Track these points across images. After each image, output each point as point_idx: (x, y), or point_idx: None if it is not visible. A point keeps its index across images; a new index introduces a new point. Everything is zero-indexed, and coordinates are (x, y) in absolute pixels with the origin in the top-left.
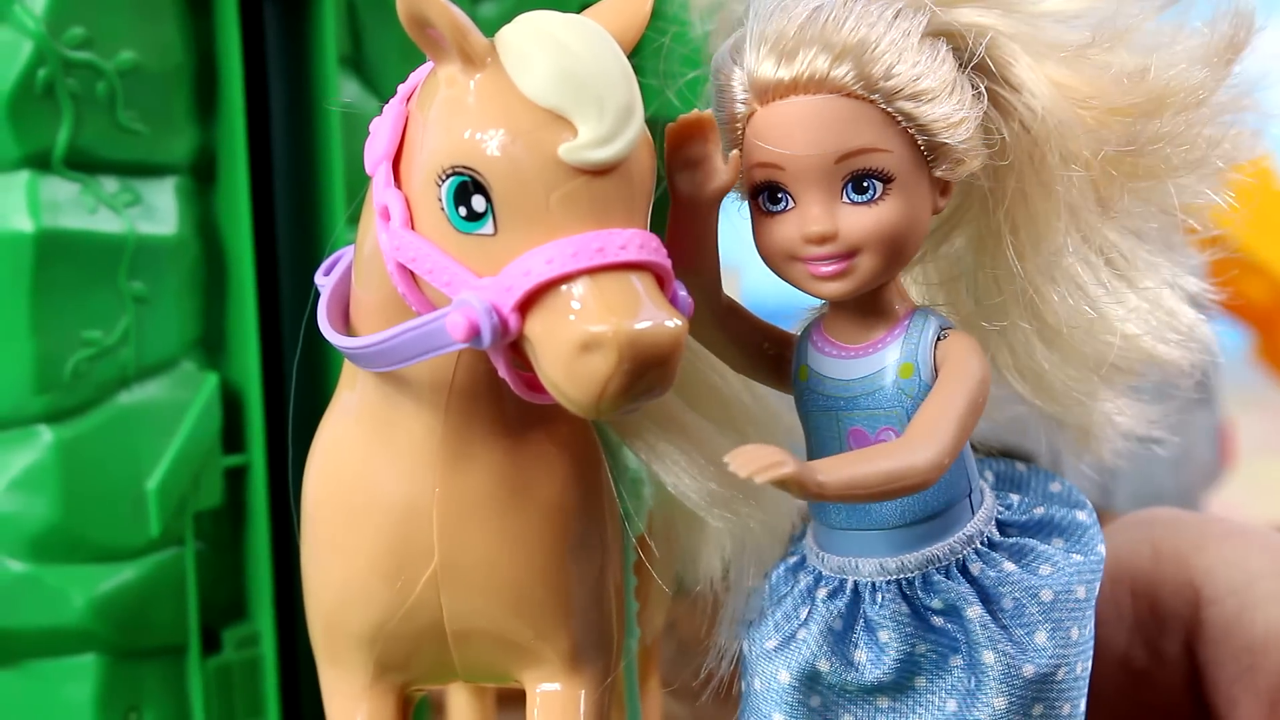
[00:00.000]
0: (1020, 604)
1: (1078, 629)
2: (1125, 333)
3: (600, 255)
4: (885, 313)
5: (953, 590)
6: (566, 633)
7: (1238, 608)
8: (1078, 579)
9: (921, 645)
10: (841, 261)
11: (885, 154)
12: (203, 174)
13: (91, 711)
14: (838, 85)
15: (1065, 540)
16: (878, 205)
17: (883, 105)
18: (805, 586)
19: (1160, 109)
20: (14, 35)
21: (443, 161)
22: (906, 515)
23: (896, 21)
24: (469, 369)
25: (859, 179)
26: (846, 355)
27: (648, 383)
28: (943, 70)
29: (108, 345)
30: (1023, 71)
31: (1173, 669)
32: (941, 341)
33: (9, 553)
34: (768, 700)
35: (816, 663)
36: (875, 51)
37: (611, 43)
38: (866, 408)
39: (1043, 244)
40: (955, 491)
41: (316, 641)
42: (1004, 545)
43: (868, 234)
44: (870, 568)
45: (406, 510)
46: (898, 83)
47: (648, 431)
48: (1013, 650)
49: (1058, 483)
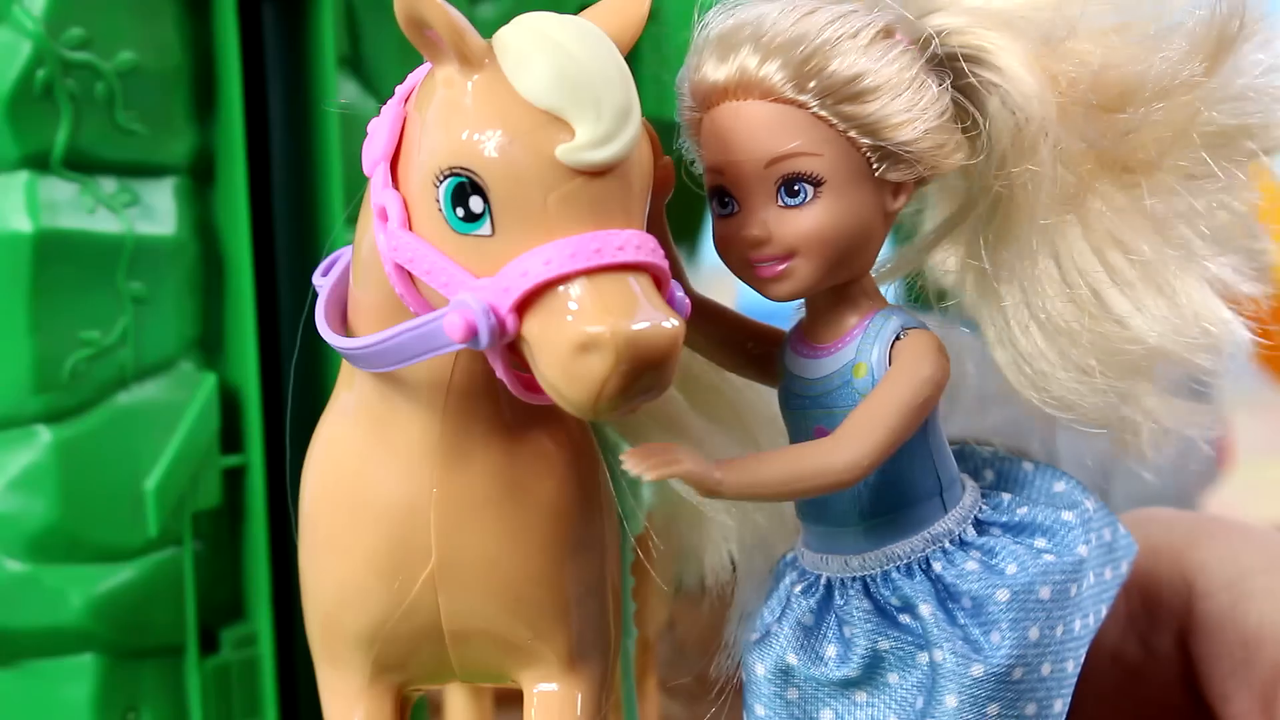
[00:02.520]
0: (978, 602)
1: (1039, 629)
2: (1135, 329)
3: (598, 256)
4: (848, 313)
5: (909, 588)
6: (564, 633)
7: (1231, 602)
8: (1043, 579)
9: (884, 642)
10: (779, 263)
11: (814, 157)
12: (201, 174)
13: (90, 711)
14: (766, 88)
15: (1047, 540)
16: (809, 208)
17: (814, 108)
18: (788, 582)
19: (1150, 98)
20: (13, 36)
21: (440, 162)
22: (865, 513)
23: (840, 22)
24: (467, 369)
25: (789, 183)
26: (813, 355)
27: (645, 383)
28: (890, 70)
29: (106, 345)
30: (1005, 60)
31: (1165, 663)
32: (898, 341)
33: (8, 552)
34: (750, 692)
35: (786, 656)
36: (805, 50)
37: (609, 44)
38: (826, 406)
39: (1037, 239)
40: (918, 490)
41: (314, 641)
42: (975, 544)
43: (800, 237)
44: (837, 564)
45: (404, 510)
46: (830, 83)
47: (648, 430)
48: (963, 649)
49: (1063, 482)
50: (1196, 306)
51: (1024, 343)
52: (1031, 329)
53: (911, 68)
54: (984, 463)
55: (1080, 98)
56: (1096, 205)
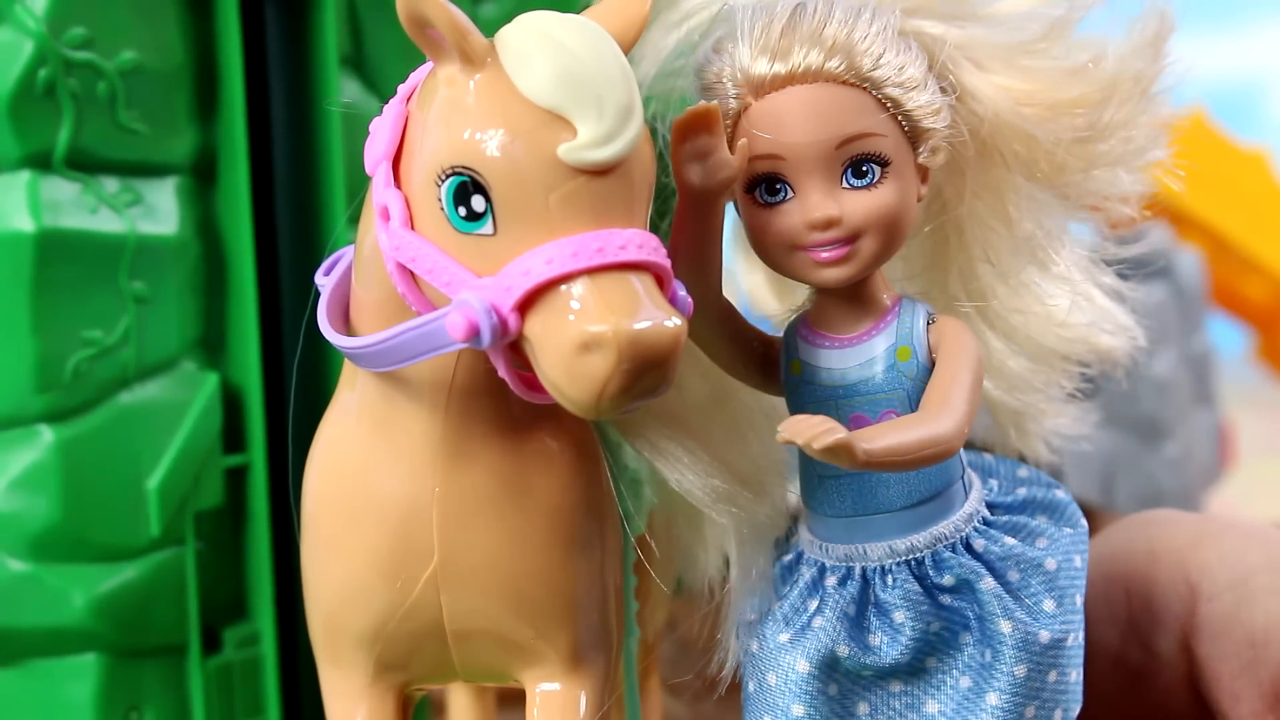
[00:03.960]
0: (1025, 576)
1: (1079, 596)
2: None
3: (600, 255)
4: (874, 302)
5: (963, 565)
6: (566, 632)
7: (1236, 602)
8: (1074, 549)
9: (935, 624)
10: (844, 246)
11: (881, 138)
12: (203, 174)
13: (92, 711)
14: (832, 75)
15: (1050, 517)
16: (877, 189)
17: (873, 92)
18: (810, 579)
19: (1107, 100)
20: (15, 35)
21: (442, 161)
22: (913, 495)
23: (874, 18)
24: (469, 369)
25: (858, 163)
26: (840, 345)
27: (647, 383)
28: (919, 63)
29: (108, 345)
30: (968, 79)
31: (1168, 667)
32: (933, 325)
33: (10, 552)
34: (785, 693)
35: (836, 648)
36: (863, 44)
37: (611, 43)
38: (865, 393)
39: (992, 240)
40: (952, 472)
41: (316, 641)
42: (999, 523)
43: (869, 217)
44: (879, 552)
45: (406, 510)
46: (885, 71)
47: (650, 429)
48: (1027, 618)
49: (1025, 469)
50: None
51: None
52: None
53: (924, 65)
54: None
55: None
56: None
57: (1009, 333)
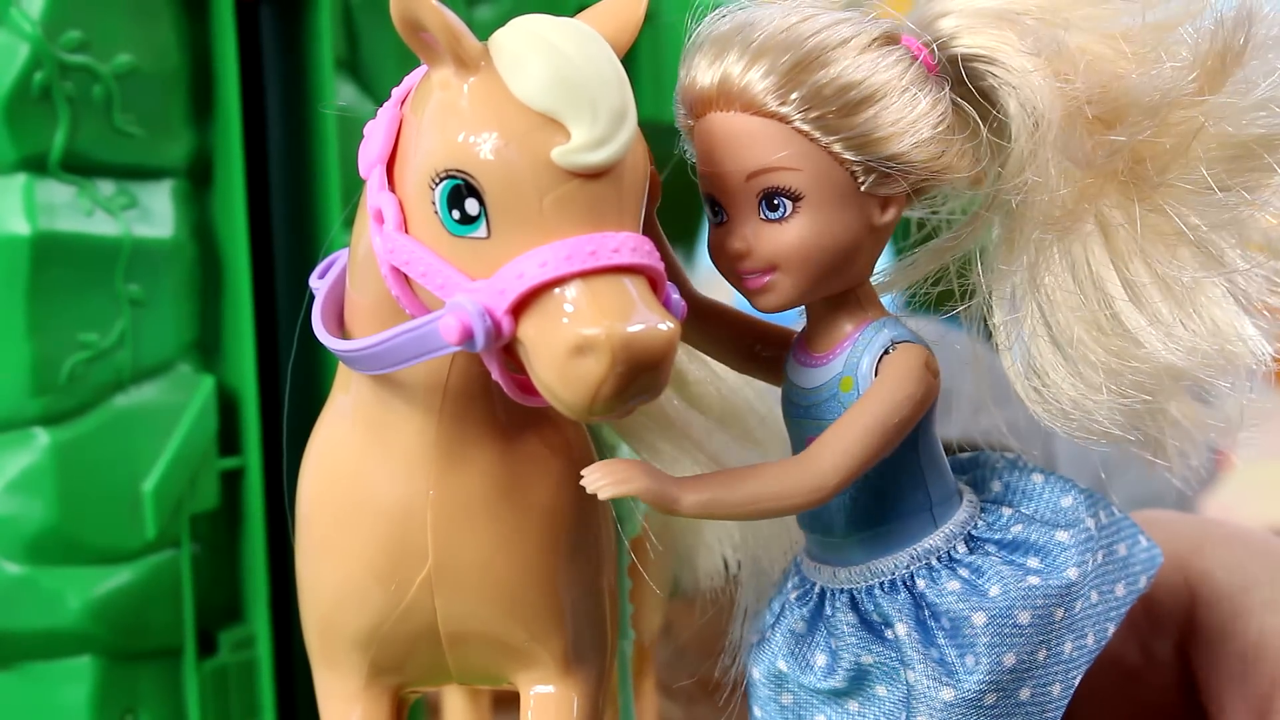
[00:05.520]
0: (956, 624)
1: (1015, 655)
2: (1148, 347)
3: (593, 258)
4: (843, 323)
5: (889, 605)
6: (560, 635)
7: (1232, 613)
8: (1023, 604)
9: (868, 656)
10: (762, 276)
11: (792, 173)
12: (199, 177)
13: (88, 713)
14: (747, 99)
15: (1039, 560)
16: (789, 223)
17: (796, 122)
18: (790, 586)
19: (1141, 117)
20: (10, 38)
21: (436, 165)
22: (855, 525)
23: (833, 29)
24: (463, 372)
25: (769, 197)
26: (808, 363)
27: (641, 385)
28: (880, 79)
29: (104, 348)
30: (1014, 60)
31: (1164, 669)
32: (886, 355)
33: (5, 555)
34: (750, 694)
35: (777, 662)
36: (791, 59)
37: (605, 46)
38: (816, 417)
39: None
40: (906, 505)
41: (311, 644)
42: (964, 562)
43: (779, 251)
44: (828, 574)
45: (401, 513)
46: (814, 94)
47: (646, 432)
48: (935, 672)
49: (1071, 496)
50: (1218, 323)
51: (1033, 353)
52: (1040, 340)
53: (905, 76)
54: (994, 473)
55: (1078, 109)
56: (1117, 217)
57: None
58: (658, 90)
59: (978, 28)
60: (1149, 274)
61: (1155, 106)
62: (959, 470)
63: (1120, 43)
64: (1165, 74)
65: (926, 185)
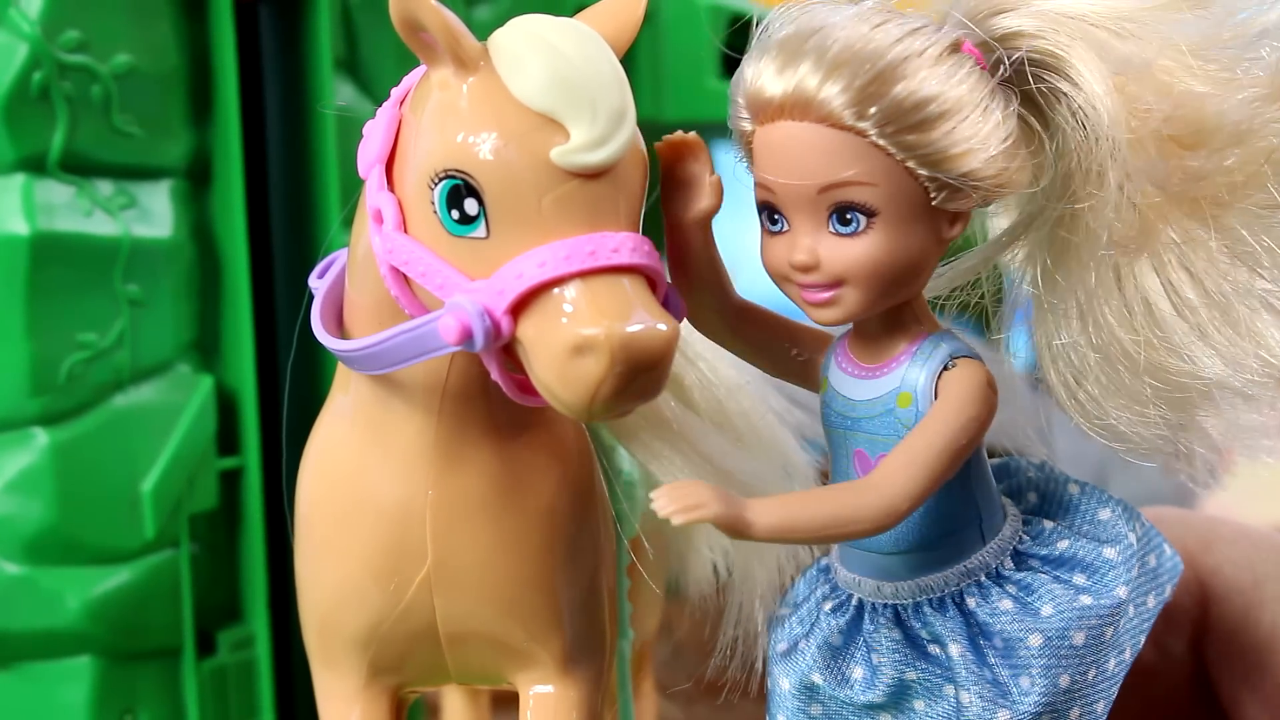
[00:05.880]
0: (1010, 645)
1: (1070, 676)
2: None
3: (592, 258)
4: (898, 336)
5: (940, 624)
6: (559, 635)
7: (1244, 608)
8: (1077, 624)
9: (911, 673)
10: (826, 291)
11: (869, 187)
12: (198, 177)
13: (87, 713)
14: (824, 111)
15: (1087, 577)
16: (861, 238)
17: (873, 136)
18: (820, 595)
19: (1225, 143)
20: (9, 38)
21: (435, 165)
22: (900, 544)
23: (909, 40)
24: (462, 372)
25: (842, 211)
26: (858, 375)
27: (639, 386)
28: (956, 94)
29: (103, 348)
30: (1081, 71)
31: (1177, 665)
32: (946, 372)
33: (4, 555)
34: (774, 702)
35: (811, 675)
36: (870, 72)
37: (604, 46)
38: (868, 431)
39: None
40: (956, 522)
41: (310, 644)
42: (1012, 579)
43: (850, 266)
44: (870, 588)
45: (400, 512)
46: (892, 109)
47: (644, 432)
48: (990, 693)
49: (1108, 509)
50: (1263, 337)
51: (1078, 367)
52: (1086, 353)
53: (978, 89)
54: (1028, 483)
55: (1153, 130)
56: (1166, 233)
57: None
58: (657, 90)
59: (1048, 31)
60: (1196, 290)
61: (1243, 133)
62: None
63: (1194, 60)
64: (1250, 96)
65: (990, 199)
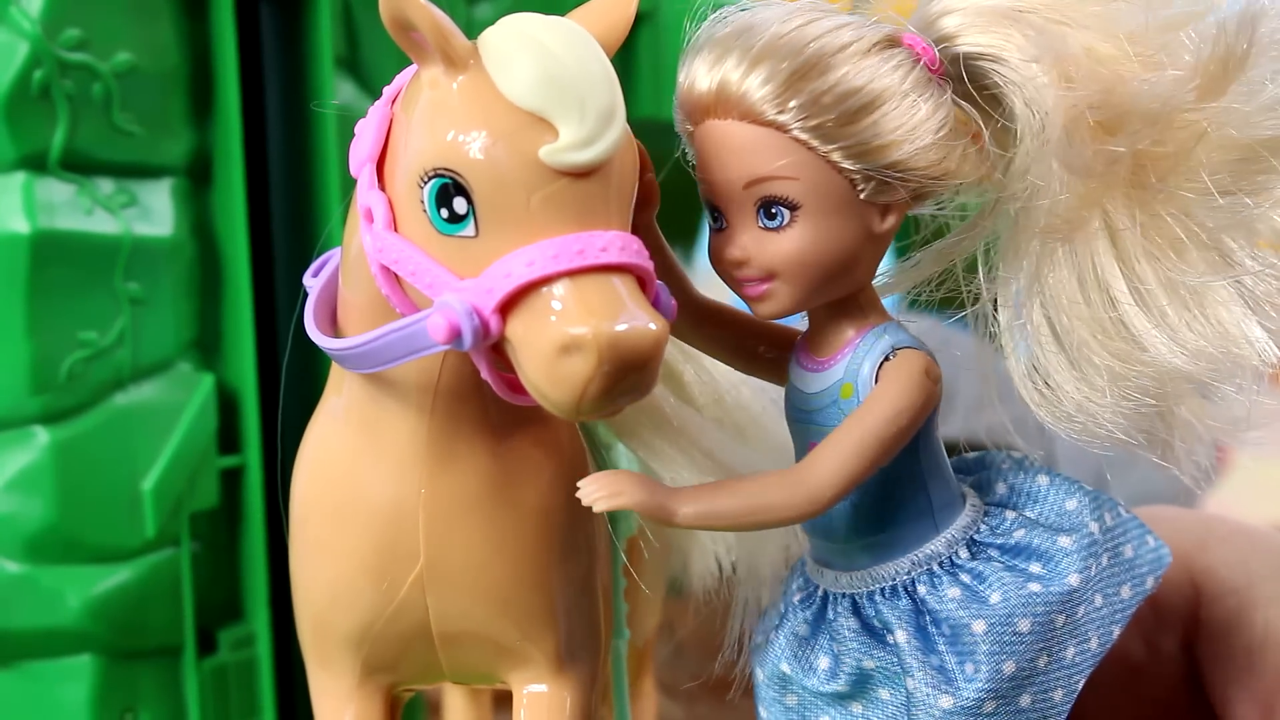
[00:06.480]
0: (956, 631)
1: (1015, 663)
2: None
3: (581, 257)
4: (844, 328)
5: (890, 612)
6: (553, 634)
7: (1237, 608)
8: (1023, 611)
9: (869, 661)
10: (760, 284)
11: (790, 181)
12: (198, 175)
13: (87, 712)
14: (744, 107)
15: (1042, 565)
16: (786, 232)
17: (794, 130)
18: (795, 587)
19: (1140, 126)
20: (10, 37)
21: (425, 163)
22: (853, 533)
23: (835, 33)
24: (454, 371)
25: (766, 205)
26: (810, 368)
27: (628, 385)
28: (880, 85)
29: (103, 346)
30: (1018, 59)
31: (1169, 664)
32: (887, 361)
33: (5, 554)
34: (755, 694)
35: (780, 665)
36: (791, 66)
37: (594, 45)
38: (819, 424)
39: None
40: (907, 513)
41: (305, 642)
42: (965, 568)
43: (778, 260)
44: (830, 579)
45: (392, 511)
46: (813, 102)
47: (643, 429)
48: (934, 679)
49: (1075, 500)
50: (1225, 325)
51: (1037, 356)
52: (1045, 342)
53: (905, 81)
54: (999, 474)
55: (1080, 115)
56: (1122, 220)
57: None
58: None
59: (982, 26)
60: (1155, 277)
61: (1156, 115)
62: (964, 471)
63: (1125, 44)
64: (1167, 81)
65: (928, 191)
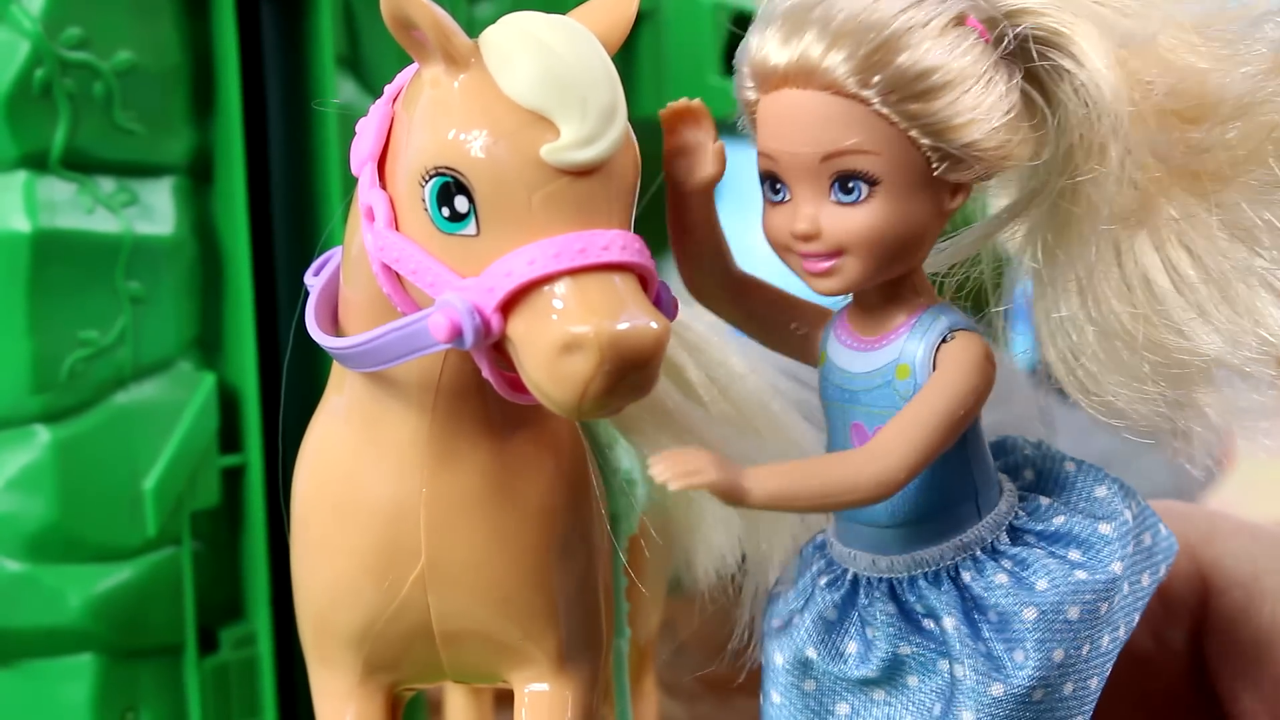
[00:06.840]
0: (1005, 619)
1: (1064, 650)
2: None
3: (582, 256)
4: (897, 308)
5: (935, 598)
6: (554, 633)
7: (1245, 600)
8: (1072, 599)
9: (906, 647)
10: (827, 260)
11: (871, 156)
12: (200, 174)
13: (88, 711)
14: (828, 80)
15: (1082, 553)
16: (863, 207)
17: (876, 105)
18: (816, 570)
19: (1228, 116)
20: (11, 35)
21: (426, 162)
22: (896, 516)
23: (913, 10)
24: (455, 369)
25: (844, 179)
26: (856, 347)
27: (629, 384)
28: (959, 65)
29: (105, 345)
30: (1083, 48)
31: (1176, 657)
32: (945, 344)
33: (6, 553)
34: (767, 677)
35: (806, 649)
36: (874, 41)
37: (595, 43)
38: (865, 404)
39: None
40: (952, 496)
41: (306, 641)
42: (1008, 554)
43: (851, 235)
44: (865, 562)
45: (394, 510)
46: (896, 78)
47: (649, 425)
48: (984, 666)
49: (1104, 487)
50: (1262, 316)
51: (1077, 342)
52: (1086, 329)
53: (982, 61)
54: (1025, 460)
55: (1155, 105)
56: (1166, 210)
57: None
58: (658, 89)
59: (1052, 9)
60: (1196, 267)
61: (1245, 106)
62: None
63: (1196, 37)
64: (1251, 72)
65: (993, 171)
